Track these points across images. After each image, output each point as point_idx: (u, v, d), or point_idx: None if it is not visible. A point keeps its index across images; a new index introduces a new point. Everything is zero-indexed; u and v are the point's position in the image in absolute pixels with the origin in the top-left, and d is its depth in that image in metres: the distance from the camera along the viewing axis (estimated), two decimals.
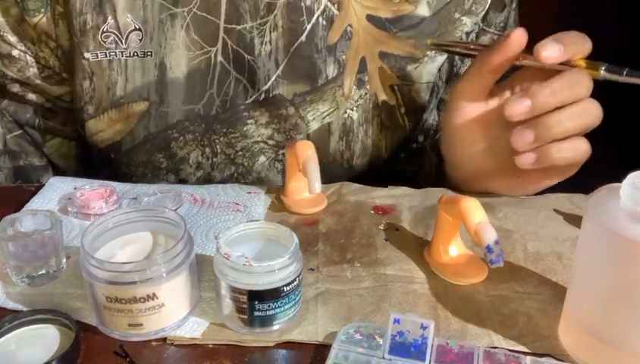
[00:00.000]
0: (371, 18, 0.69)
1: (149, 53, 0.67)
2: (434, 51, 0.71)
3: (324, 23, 0.68)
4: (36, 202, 0.63)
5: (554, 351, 0.46)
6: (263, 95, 0.70)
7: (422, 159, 0.79)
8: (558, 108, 0.54)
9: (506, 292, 0.52)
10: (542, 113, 0.55)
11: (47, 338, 0.47)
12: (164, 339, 0.47)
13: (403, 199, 0.65)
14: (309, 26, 0.67)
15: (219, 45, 0.67)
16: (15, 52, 0.70)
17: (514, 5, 0.74)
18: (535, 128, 0.55)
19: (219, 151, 0.72)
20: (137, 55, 0.67)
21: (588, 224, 0.43)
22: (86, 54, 0.67)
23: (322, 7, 0.67)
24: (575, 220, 0.61)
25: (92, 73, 0.68)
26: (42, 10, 0.67)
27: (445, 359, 0.44)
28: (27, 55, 0.70)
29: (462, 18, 0.71)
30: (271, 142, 0.72)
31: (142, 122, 0.70)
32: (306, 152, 0.60)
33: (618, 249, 0.41)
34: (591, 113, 0.55)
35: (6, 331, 0.47)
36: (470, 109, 0.62)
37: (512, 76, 0.60)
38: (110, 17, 0.65)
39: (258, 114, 0.71)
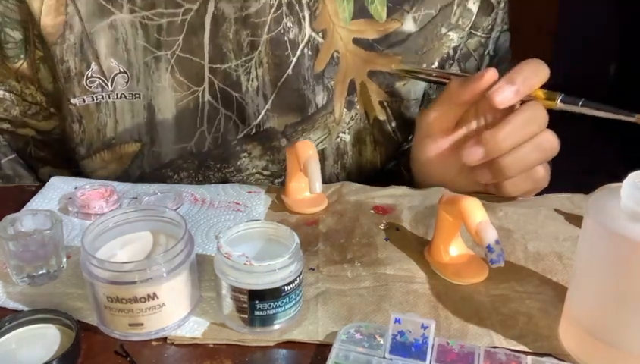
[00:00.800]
0: (357, 41, 0.68)
1: (137, 95, 0.66)
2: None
3: (310, 53, 0.67)
4: (36, 202, 0.63)
5: (555, 351, 0.46)
6: (254, 130, 0.69)
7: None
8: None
9: (507, 292, 0.52)
10: (497, 155, 0.57)
11: (47, 338, 0.47)
12: (165, 339, 0.47)
13: (403, 199, 0.65)
14: (294, 59, 0.67)
15: (205, 84, 0.66)
16: (0, 93, 0.69)
17: (502, 5, 0.73)
18: (490, 168, 0.58)
19: None
20: (125, 97, 0.66)
21: (588, 224, 0.43)
22: (73, 100, 0.66)
23: (306, 38, 0.66)
24: (575, 220, 0.61)
25: (80, 116, 0.67)
26: (22, 56, 0.66)
27: (446, 359, 0.44)
28: (12, 95, 0.69)
29: (449, 33, 0.70)
30: (266, 172, 0.72)
31: (135, 162, 0.70)
32: (307, 151, 0.60)
33: (618, 249, 0.41)
34: (546, 146, 0.57)
35: (6, 331, 0.47)
36: (439, 139, 0.63)
37: (477, 105, 0.61)
38: (93, 63, 0.64)
39: (250, 148, 0.71)
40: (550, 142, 0.57)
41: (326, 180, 0.72)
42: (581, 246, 0.45)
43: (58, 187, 0.65)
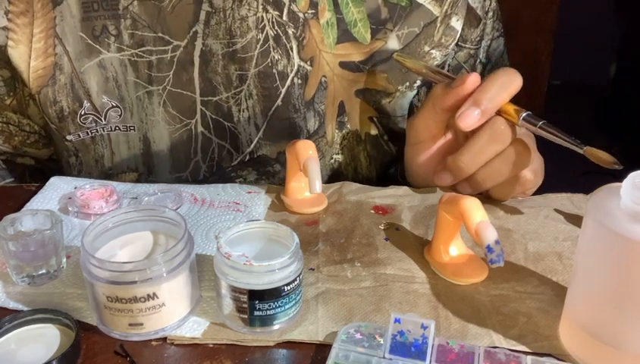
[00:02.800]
0: (344, 64, 0.68)
1: (132, 128, 0.67)
2: (405, 86, 0.70)
3: (300, 81, 0.67)
4: (36, 202, 0.63)
5: (555, 351, 0.46)
6: (248, 156, 0.70)
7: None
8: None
9: (507, 292, 0.52)
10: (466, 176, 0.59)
11: (47, 338, 0.47)
12: (165, 338, 0.47)
13: (403, 199, 0.65)
14: (283, 90, 0.67)
15: (198, 116, 0.67)
16: None
17: (491, 14, 0.73)
18: (469, 181, 0.59)
19: None
20: (119, 129, 0.67)
21: (588, 224, 0.43)
22: (68, 137, 0.66)
23: (295, 68, 0.66)
24: (575, 219, 0.61)
25: (76, 150, 0.68)
26: (11, 93, 0.67)
27: (445, 359, 0.44)
28: (10, 126, 0.69)
29: (432, 51, 0.70)
30: None
31: None
32: (307, 151, 0.60)
33: (618, 248, 0.41)
34: (515, 159, 0.57)
35: (6, 331, 0.47)
36: (429, 145, 0.63)
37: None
38: (85, 101, 0.64)
39: (245, 173, 0.71)
40: (519, 156, 0.57)
41: None
42: (581, 246, 0.45)
43: (58, 187, 0.65)
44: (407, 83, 0.70)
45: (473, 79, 0.57)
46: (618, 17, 2.67)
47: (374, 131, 0.72)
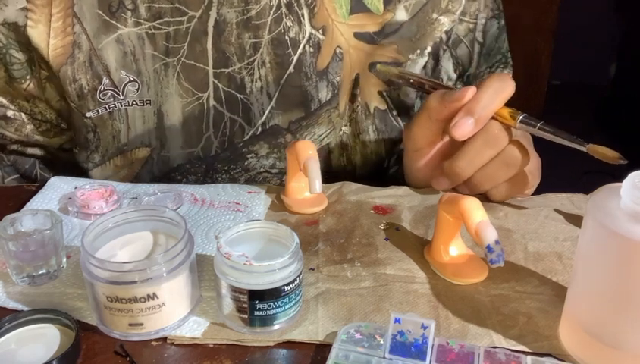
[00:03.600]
0: (359, 35, 0.69)
1: (148, 102, 0.67)
2: (416, 53, 0.71)
3: (312, 50, 0.68)
4: (36, 202, 0.63)
5: (555, 351, 0.46)
6: (260, 129, 0.70)
7: None
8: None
9: (507, 292, 0.52)
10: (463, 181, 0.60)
11: (47, 338, 0.47)
12: (165, 338, 0.47)
13: (403, 199, 0.65)
14: (295, 57, 0.67)
15: (210, 90, 0.67)
16: (10, 113, 0.69)
17: None
18: (466, 184, 0.60)
19: None
20: (136, 104, 0.67)
21: (588, 224, 0.43)
22: (88, 114, 0.67)
23: (307, 35, 0.67)
24: (575, 220, 0.61)
25: (95, 126, 0.68)
26: (28, 77, 0.67)
27: (445, 359, 0.44)
28: (22, 114, 0.70)
29: (440, 18, 0.71)
30: (274, 170, 0.73)
31: (145, 167, 0.71)
32: (307, 151, 0.60)
33: (618, 248, 0.41)
34: (510, 162, 0.58)
35: (6, 331, 0.47)
36: (427, 151, 0.64)
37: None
38: (105, 77, 0.65)
39: (257, 148, 0.71)
40: (515, 158, 0.57)
41: (333, 173, 0.73)
42: (581, 246, 0.45)
43: (58, 187, 0.65)
44: (418, 51, 0.71)
45: (470, 94, 0.57)
46: (618, 17, 2.67)
47: (382, 106, 0.73)
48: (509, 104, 0.58)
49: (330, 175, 0.72)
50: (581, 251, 0.45)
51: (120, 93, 0.66)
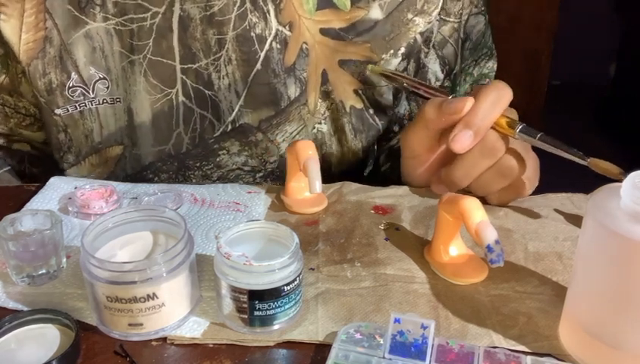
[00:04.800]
0: (324, 31, 0.68)
1: (118, 100, 0.67)
2: (389, 54, 0.71)
3: (279, 46, 0.68)
4: (36, 202, 0.63)
5: (555, 351, 0.46)
6: (230, 126, 0.70)
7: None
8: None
9: (507, 292, 0.52)
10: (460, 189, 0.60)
11: (47, 338, 0.47)
12: (165, 339, 0.47)
13: (403, 199, 0.65)
14: (262, 54, 0.67)
15: (178, 85, 0.68)
16: None
17: None
18: (463, 191, 0.60)
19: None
20: (107, 102, 0.67)
21: (588, 224, 0.43)
22: (57, 111, 0.67)
23: (274, 32, 0.67)
24: (575, 219, 0.61)
25: (65, 126, 0.68)
26: (4, 71, 0.67)
27: (445, 359, 0.44)
28: (6, 108, 0.70)
29: (415, 18, 0.70)
30: (246, 168, 0.73)
31: (119, 165, 0.71)
32: (307, 151, 0.60)
33: (618, 248, 0.41)
34: (505, 172, 0.58)
35: (6, 331, 0.47)
36: (425, 157, 0.64)
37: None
38: (73, 73, 0.65)
39: (228, 144, 0.71)
40: (510, 168, 0.58)
41: None
42: (581, 246, 0.45)
43: (58, 187, 0.65)
44: (391, 51, 0.71)
45: (468, 105, 0.57)
46: (618, 17, 2.67)
47: (359, 105, 0.73)
48: (509, 105, 0.58)
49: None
50: (581, 251, 0.45)
51: (91, 91, 0.66)
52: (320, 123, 0.72)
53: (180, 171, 0.72)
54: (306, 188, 0.61)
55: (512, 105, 0.58)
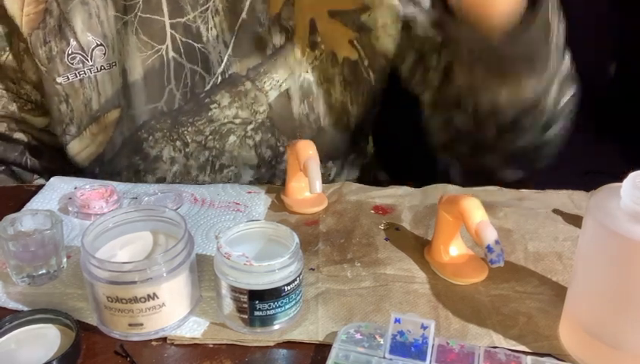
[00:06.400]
0: None
1: (114, 63, 0.69)
2: None
3: None
4: (36, 202, 0.63)
5: (555, 351, 0.46)
6: (220, 78, 0.71)
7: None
8: None
9: (507, 292, 0.52)
10: None
11: (47, 338, 0.47)
12: (165, 338, 0.47)
13: (403, 199, 0.65)
14: (247, 3, 0.69)
15: (168, 41, 0.69)
16: None
17: None
18: None
19: (190, 140, 0.73)
20: (104, 68, 0.69)
21: (588, 224, 0.43)
22: (58, 79, 0.68)
23: None
24: (575, 220, 0.61)
25: (66, 95, 0.69)
26: (7, 48, 0.69)
27: (446, 359, 0.44)
28: (9, 93, 0.72)
29: None
30: (237, 121, 0.74)
31: (117, 128, 0.72)
32: (307, 151, 0.60)
33: (618, 248, 0.41)
34: None
35: (6, 331, 0.47)
36: None
37: None
38: (72, 40, 0.67)
39: (219, 98, 0.72)
40: None
41: (296, 120, 0.74)
42: (581, 246, 0.45)
43: (58, 187, 0.65)
44: None
45: None
46: (618, 17, 2.67)
47: (354, 56, 0.74)
48: None
49: (294, 123, 0.73)
50: (581, 251, 0.45)
51: (89, 59, 0.68)
52: (307, 71, 0.73)
53: (174, 129, 0.73)
54: (306, 188, 0.62)
55: None
